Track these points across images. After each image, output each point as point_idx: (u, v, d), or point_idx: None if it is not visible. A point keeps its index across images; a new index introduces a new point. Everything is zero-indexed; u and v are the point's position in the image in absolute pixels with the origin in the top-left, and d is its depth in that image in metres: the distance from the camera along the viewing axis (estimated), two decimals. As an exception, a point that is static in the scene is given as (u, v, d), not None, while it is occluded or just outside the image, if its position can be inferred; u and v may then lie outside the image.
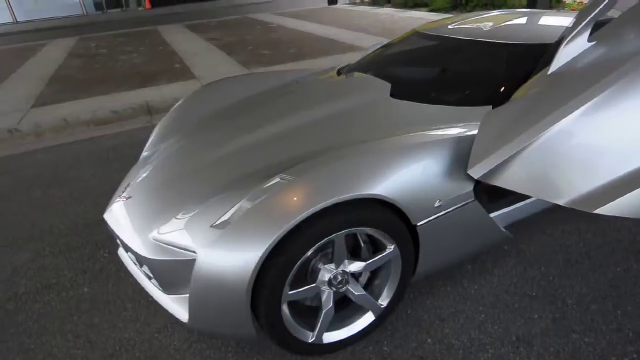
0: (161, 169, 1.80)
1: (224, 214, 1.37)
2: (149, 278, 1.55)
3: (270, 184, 1.40)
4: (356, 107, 1.95)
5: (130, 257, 1.64)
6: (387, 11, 10.97)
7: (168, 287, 1.48)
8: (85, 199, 2.80)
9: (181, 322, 1.42)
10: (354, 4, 13.42)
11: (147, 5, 17.28)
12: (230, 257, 1.26)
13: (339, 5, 13.09)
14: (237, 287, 1.25)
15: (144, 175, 1.80)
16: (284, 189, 1.33)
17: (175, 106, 2.38)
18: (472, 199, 1.54)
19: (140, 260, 1.49)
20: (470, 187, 1.53)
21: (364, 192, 1.33)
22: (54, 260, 2.20)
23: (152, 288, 1.56)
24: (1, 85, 5.96)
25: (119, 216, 1.63)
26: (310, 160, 1.48)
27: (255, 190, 1.40)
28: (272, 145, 1.76)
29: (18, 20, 15.77)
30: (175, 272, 1.39)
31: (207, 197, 1.52)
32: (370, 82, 2.18)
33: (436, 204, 1.46)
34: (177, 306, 1.44)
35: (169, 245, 1.41)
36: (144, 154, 2.09)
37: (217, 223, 1.36)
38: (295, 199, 1.29)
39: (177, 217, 1.49)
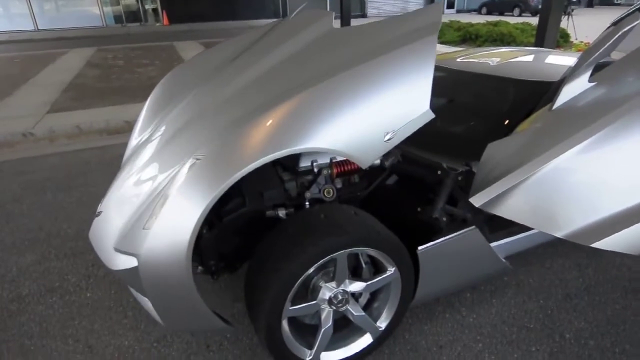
0: (127, 173, 1.72)
1: (153, 210, 1.33)
2: None
3: (185, 167, 1.35)
4: (301, 48, 1.82)
5: None
6: (397, 39, 11.20)
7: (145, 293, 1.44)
8: (94, 205, 2.85)
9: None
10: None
11: (165, 21, 17.81)
12: (164, 252, 1.22)
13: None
14: (180, 280, 1.24)
15: (113, 186, 1.73)
16: (199, 169, 1.29)
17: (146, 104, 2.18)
18: (473, 227, 1.57)
19: (111, 273, 1.47)
20: (423, 108, 1.36)
21: (292, 148, 1.25)
22: (59, 263, 2.24)
23: (139, 296, 1.54)
24: (19, 90, 6.12)
25: (96, 233, 1.58)
26: (230, 127, 1.41)
27: (172, 178, 1.35)
28: (217, 116, 1.61)
29: (39, 28, 16.28)
30: (137, 278, 1.36)
31: (149, 195, 1.45)
32: (314, 15, 2.03)
33: (386, 138, 1.35)
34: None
35: (123, 253, 1.38)
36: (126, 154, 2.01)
37: (147, 222, 1.32)
38: (211, 175, 1.25)
39: (129, 222, 1.43)
